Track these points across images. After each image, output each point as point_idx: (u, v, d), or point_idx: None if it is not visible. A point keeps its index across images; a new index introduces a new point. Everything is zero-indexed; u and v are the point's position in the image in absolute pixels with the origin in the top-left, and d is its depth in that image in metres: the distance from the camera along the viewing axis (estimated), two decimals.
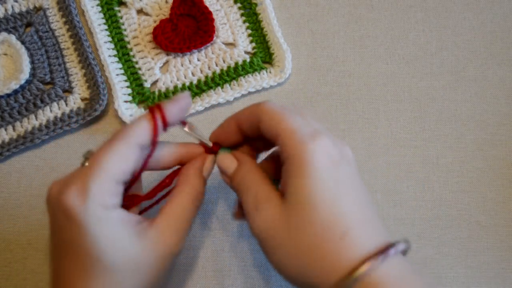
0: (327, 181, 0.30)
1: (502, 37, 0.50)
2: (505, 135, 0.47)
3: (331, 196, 0.29)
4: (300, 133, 0.31)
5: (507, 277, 0.44)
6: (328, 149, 0.30)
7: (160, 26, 0.48)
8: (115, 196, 0.31)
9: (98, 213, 0.29)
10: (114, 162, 0.31)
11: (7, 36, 0.48)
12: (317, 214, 0.29)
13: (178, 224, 0.33)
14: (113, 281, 0.30)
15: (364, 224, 0.30)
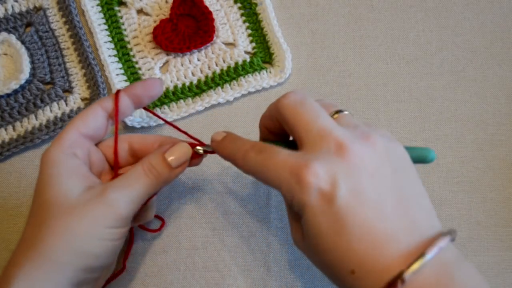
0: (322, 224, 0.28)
1: (502, 37, 0.50)
2: (505, 135, 0.47)
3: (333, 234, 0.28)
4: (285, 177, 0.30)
5: (507, 277, 0.44)
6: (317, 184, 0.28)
7: (160, 26, 0.48)
8: (77, 147, 0.35)
9: (56, 156, 0.34)
10: (77, 117, 0.36)
11: (7, 36, 0.48)
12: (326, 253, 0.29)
13: (125, 192, 0.34)
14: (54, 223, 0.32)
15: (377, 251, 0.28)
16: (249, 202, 0.45)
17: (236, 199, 0.45)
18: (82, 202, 0.33)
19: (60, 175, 0.33)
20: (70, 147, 0.35)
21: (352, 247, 0.28)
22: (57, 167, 0.34)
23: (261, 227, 0.44)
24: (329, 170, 0.29)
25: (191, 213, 0.45)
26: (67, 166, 0.34)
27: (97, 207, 0.33)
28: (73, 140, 0.35)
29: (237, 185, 0.45)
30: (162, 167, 0.36)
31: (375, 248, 0.28)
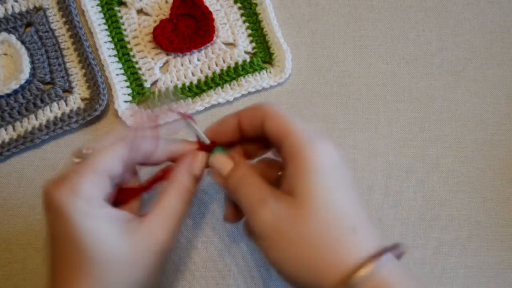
0: (334, 181, 0.31)
1: (502, 37, 0.50)
2: (505, 135, 0.47)
3: (339, 194, 0.31)
4: (308, 134, 0.32)
5: (507, 277, 0.44)
6: (332, 152, 0.32)
7: (160, 26, 0.48)
8: (103, 191, 0.32)
9: (85, 209, 0.30)
10: (105, 162, 0.32)
11: (7, 36, 0.48)
12: (327, 210, 0.30)
13: (167, 221, 0.34)
14: (102, 277, 0.31)
15: (367, 224, 0.31)
16: None
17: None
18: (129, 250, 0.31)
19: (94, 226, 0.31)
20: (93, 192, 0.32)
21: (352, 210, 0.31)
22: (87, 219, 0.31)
23: None
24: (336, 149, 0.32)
25: (191, 213, 0.45)
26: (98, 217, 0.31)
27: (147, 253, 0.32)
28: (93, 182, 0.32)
29: None
30: (191, 183, 0.35)
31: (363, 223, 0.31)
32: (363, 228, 0.30)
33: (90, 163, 0.32)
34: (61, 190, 0.31)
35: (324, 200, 0.30)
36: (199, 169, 0.36)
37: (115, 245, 0.31)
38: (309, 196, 0.30)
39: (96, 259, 0.30)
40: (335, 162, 0.32)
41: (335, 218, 0.30)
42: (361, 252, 0.29)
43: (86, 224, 0.30)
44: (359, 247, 0.29)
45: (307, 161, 0.31)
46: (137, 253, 0.32)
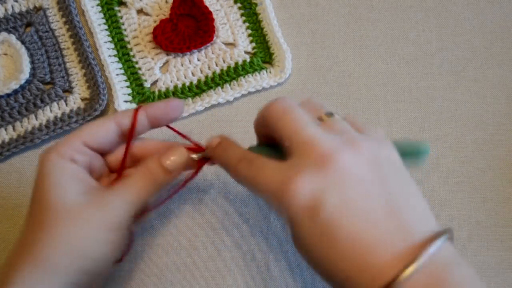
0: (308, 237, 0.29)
1: (502, 37, 0.50)
2: (505, 135, 0.47)
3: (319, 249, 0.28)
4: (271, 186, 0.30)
5: (507, 277, 0.44)
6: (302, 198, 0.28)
7: (160, 26, 0.48)
8: (78, 154, 0.35)
9: (56, 161, 0.34)
10: (87, 127, 0.36)
11: (7, 36, 0.48)
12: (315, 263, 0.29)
13: (125, 198, 0.34)
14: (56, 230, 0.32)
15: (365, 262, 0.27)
16: (249, 202, 0.45)
17: (236, 199, 0.45)
18: (80, 205, 0.33)
19: (58, 179, 0.33)
20: (70, 153, 0.35)
21: (343, 257, 0.28)
22: (55, 170, 0.34)
23: (261, 227, 0.44)
24: (313, 183, 0.28)
25: (191, 213, 0.45)
26: (65, 171, 0.34)
27: (94, 211, 0.33)
28: (74, 148, 0.35)
29: (237, 185, 0.45)
30: (158, 171, 0.36)
31: (366, 255, 0.27)
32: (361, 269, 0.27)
33: (78, 129, 0.36)
34: (47, 153, 0.34)
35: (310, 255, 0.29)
36: (170, 161, 0.36)
37: (70, 200, 0.33)
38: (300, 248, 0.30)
39: (50, 208, 0.33)
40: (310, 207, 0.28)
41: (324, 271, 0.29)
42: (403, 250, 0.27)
43: (53, 173, 0.33)
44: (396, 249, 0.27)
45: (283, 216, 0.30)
46: (89, 213, 0.33)
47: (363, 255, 0.27)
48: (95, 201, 0.33)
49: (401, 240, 0.28)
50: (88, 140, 0.35)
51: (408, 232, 0.28)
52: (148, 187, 0.36)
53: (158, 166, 0.36)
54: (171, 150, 0.37)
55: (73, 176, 0.34)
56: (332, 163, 0.29)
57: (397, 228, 0.28)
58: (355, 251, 0.28)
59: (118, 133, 0.37)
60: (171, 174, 0.37)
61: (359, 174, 0.29)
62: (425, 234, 0.28)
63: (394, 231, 0.28)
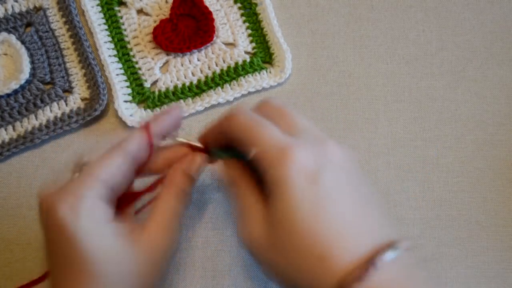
0: (303, 202, 0.28)
1: (502, 37, 0.50)
2: (505, 135, 0.47)
3: (308, 217, 0.28)
4: (271, 151, 0.30)
5: (507, 277, 0.44)
6: (303, 163, 0.29)
7: (160, 26, 0.48)
8: (107, 208, 0.31)
9: (91, 227, 0.30)
10: (107, 173, 0.31)
11: (7, 36, 0.48)
12: (295, 237, 0.29)
13: (167, 225, 0.33)
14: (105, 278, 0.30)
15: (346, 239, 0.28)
16: None
17: None
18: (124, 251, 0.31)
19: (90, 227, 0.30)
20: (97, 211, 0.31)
21: (323, 233, 0.28)
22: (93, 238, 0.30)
23: None
24: (313, 155, 0.30)
25: (191, 213, 0.45)
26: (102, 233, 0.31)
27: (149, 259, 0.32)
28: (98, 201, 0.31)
29: None
30: (187, 184, 0.35)
31: (340, 240, 0.28)
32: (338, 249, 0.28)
33: (91, 173, 0.31)
34: (63, 207, 0.30)
35: (292, 227, 0.29)
36: (195, 169, 0.36)
37: (121, 260, 0.31)
38: (278, 223, 0.29)
39: (102, 276, 0.30)
40: (310, 174, 0.29)
41: (301, 246, 0.28)
42: (354, 256, 0.28)
43: (93, 242, 0.29)
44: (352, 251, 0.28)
45: (272, 185, 0.30)
46: (143, 264, 0.32)
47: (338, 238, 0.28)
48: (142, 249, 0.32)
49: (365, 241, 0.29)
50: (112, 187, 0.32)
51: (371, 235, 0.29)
52: (183, 204, 0.35)
53: (186, 180, 0.35)
54: (192, 158, 0.36)
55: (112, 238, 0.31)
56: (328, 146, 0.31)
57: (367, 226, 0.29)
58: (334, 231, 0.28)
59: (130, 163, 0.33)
60: (194, 181, 0.36)
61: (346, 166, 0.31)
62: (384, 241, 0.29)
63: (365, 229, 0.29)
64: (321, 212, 0.28)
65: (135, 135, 0.34)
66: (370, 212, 0.30)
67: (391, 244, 0.28)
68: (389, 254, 0.27)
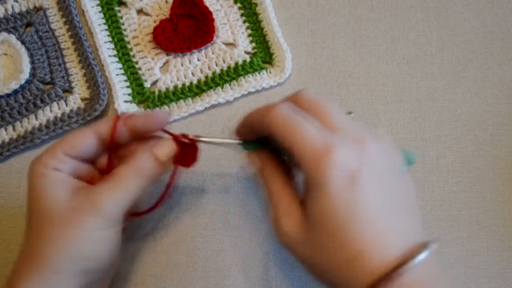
0: (340, 203, 0.29)
1: (502, 37, 0.50)
2: (505, 135, 0.47)
3: (345, 218, 0.29)
4: (311, 151, 0.30)
5: (507, 277, 0.44)
6: (344, 163, 0.29)
7: (160, 26, 0.48)
8: (61, 163, 0.35)
9: (41, 171, 0.34)
10: (67, 138, 0.36)
11: (7, 36, 0.48)
12: (332, 237, 0.30)
13: (117, 195, 0.34)
14: (51, 234, 0.33)
15: (379, 240, 0.29)
16: (249, 203, 0.45)
17: (236, 199, 0.45)
18: (71, 208, 0.33)
19: (44, 187, 0.34)
20: (52, 163, 0.35)
21: (358, 234, 0.29)
22: (40, 179, 0.34)
23: (261, 227, 0.44)
24: (352, 155, 0.30)
25: (191, 213, 0.45)
26: (50, 178, 0.34)
27: (86, 213, 0.33)
28: (56, 158, 0.35)
29: (237, 186, 0.45)
30: (149, 163, 0.36)
31: (374, 241, 0.29)
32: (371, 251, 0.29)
33: (58, 143, 0.36)
34: (33, 165, 0.35)
35: (328, 226, 0.30)
36: (162, 153, 0.36)
37: (61, 203, 0.33)
38: (315, 222, 0.30)
39: (43, 215, 0.33)
40: (349, 175, 0.29)
41: (336, 246, 0.29)
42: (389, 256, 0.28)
43: (39, 183, 0.34)
44: (387, 251, 0.29)
45: (312, 183, 0.30)
46: (81, 214, 0.33)
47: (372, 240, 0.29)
48: (85, 204, 0.33)
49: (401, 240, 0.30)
50: (67, 150, 0.36)
51: (404, 236, 0.30)
52: (140, 180, 0.35)
53: (150, 158, 0.36)
54: (159, 141, 0.37)
55: (57, 182, 0.34)
56: (367, 146, 0.31)
57: (400, 227, 0.30)
58: (370, 233, 0.29)
59: (98, 142, 0.37)
60: (162, 165, 0.36)
61: (385, 166, 0.31)
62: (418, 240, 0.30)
63: (398, 230, 0.30)
64: (357, 214, 0.29)
65: (107, 120, 0.38)
66: (403, 214, 0.31)
67: (422, 247, 0.29)
68: (420, 257, 0.28)
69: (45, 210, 0.33)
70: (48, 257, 0.32)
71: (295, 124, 0.31)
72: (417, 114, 0.48)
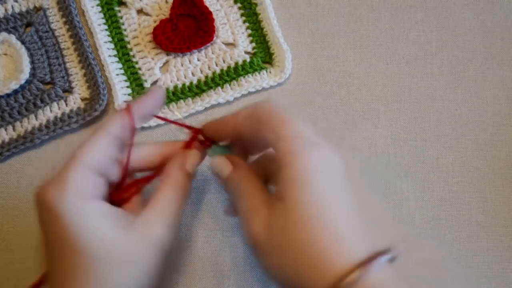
0: (325, 192, 0.30)
1: (502, 37, 0.50)
2: (505, 135, 0.47)
3: (329, 205, 0.30)
4: (304, 140, 0.31)
5: (507, 277, 0.44)
6: (329, 159, 0.31)
7: (160, 26, 0.48)
8: (94, 187, 0.31)
9: (77, 203, 0.30)
10: (88, 152, 0.31)
11: (7, 36, 0.48)
12: (315, 219, 0.29)
13: (163, 216, 0.33)
14: (99, 274, 0.30)
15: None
16: None
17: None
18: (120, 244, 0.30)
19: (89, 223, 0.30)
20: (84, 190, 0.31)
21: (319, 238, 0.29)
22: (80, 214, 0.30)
23: None
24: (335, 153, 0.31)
25: (191, 213, 0.45)
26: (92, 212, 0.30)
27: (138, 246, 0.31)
28: (86, 180, 0.31)
29: None
30: (184, 179, 0.35)
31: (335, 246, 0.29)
32: (350, 238, 0.30)
33: (77, 157, 0.31)
34: (51, 190, 0.30)
35: (313, 208, 0.30)
36: (191, 165, 0.36)
37: (110, 240, 0.30)
38: (298, 205, 0.30)
39: (91, 255, 0.29)
40: (330, 168, 0.31)
41: (323, 227, 0.29)
42: (348, 260, 0.29)
43: (78, 219, 0.29)
44: (347, 255, 0.29)
45: (297, 169, 0.30)
46: (134, 248, 0.31)
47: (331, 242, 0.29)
48: (134, 235, 0.31)
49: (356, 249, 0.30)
50: (95, 166, 0.32)
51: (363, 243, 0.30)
52: (181, 197, 0.34)
53: (182, 172, 0.35)
54: (186, 153, 0.36)
55: (101, 216, 0.31)
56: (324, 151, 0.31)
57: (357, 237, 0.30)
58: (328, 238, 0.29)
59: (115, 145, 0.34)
60: (192, 177, 0.36)
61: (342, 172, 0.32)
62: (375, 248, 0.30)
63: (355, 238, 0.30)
64: (338, 203, 0.30)
65: (117, 117, 0.34)
66: (365, 219, 0.31)
67: (383, 252, 0.29)
68: (380, 261, 0.28)
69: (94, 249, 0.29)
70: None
71: (286, 115, 0.32)
72: (417, 114, 0.48)
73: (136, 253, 0.31)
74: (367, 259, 0.29)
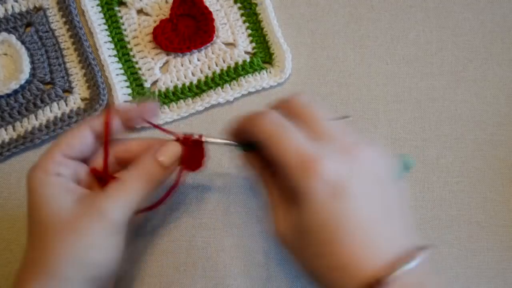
0: (326, 214, 0.29)
1: (502, 37, 0.50)
2: (505, 135, 0.47)
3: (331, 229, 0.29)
4: (294, 163, 0.30)
5: (507, 277, 0.44)
6: (327, 176, 0.29)
7: (160, 26, 0.48)
8: (62, 167, 0.34)
9: (42, 177, 0.34)
10: (63, 138, 0.35)
11: (7, 36, 0.48)
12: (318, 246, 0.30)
13: (124, 201, 0.34)
14: (55, 243, 0.32)
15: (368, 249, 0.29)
16: (249, 202, 0.45)
17: (236, 199, 0.45)
18: (75, 215, 0.33)
19: (47, 194, 0.33)
20: (53, 167, 0.34)
21: (346, 245, 0.29)
22: (42, 186, 0.33)
23: (261, 227, 0.44)
24: (339, 165, 0.30)
25: (191, 213, 0.45)
26: (53, 185, 0.34)
27: (91, 219, 0.33)
28: (56, 161, 0.34)
29: (237, 185, 0.45)
30: (154, 168, 0.35)
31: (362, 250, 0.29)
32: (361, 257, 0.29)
33: (56, 141, 0.35)
34: (30, 170, 0.34)
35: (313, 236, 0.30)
36: (163, 156, 0.36)
37: (64, 210, 0.33)
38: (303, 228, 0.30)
39: (46, 220, 0.33)
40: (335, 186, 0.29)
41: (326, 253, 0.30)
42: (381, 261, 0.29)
43: (41, 190, 0.33)
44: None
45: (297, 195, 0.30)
46: (86, 220, 0.33)
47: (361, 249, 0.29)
48: (90, 209, 0.33)
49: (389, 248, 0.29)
50: (66, 151, 0.35)
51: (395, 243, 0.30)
52: (145, 186, 0.35)
53: (154, 163, 0.36)
54: (164, 145, 0.36)
55: (61, 189, 0.34)
56: (356, 154, 0.31)
57: (389, 234, 0.30)
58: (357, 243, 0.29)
59: (94, 138, 0.36)
60: (167, 170, 0.36)
61: (376, 173, 0.31)
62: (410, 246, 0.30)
63: (387, 237, 0.30)
64: (344, 225, 0.29)
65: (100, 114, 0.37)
66: (393, 221, 0.31)
67: (413, 253, 0.29)
68: (409, 265, 0.28)
69: (49, 218, 0.33)
70: (54, 266, 0.32)
71: (280, 135, 0.31)
72: (417, 114, 0.48)
73: (87, 226, 0.33)
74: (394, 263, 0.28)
